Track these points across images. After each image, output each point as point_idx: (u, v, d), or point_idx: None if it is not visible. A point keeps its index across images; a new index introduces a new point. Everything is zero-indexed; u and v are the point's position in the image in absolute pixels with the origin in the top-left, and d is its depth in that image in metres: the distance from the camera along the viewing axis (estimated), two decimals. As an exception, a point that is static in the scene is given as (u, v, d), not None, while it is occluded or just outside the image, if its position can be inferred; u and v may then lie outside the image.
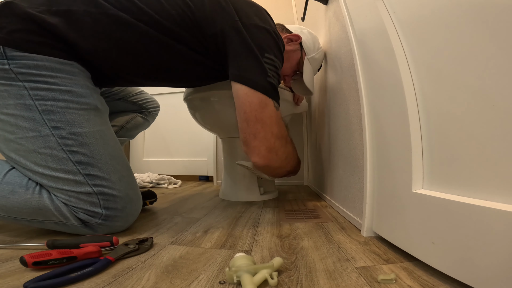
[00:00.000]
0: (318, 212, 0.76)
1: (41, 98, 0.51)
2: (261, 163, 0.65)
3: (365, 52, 0.56)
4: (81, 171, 0.53)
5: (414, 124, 0.42)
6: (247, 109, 0.61)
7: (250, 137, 0.63)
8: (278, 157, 0.67)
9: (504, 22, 0.27)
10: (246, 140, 0.64)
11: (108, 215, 0.54)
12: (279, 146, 0.67)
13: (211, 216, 0.73)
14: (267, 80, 0.62)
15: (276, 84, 0.65)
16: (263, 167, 0.66)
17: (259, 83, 0.61)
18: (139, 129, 1.04)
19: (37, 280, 0.32)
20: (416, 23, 0.41)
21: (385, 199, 0.49)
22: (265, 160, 0.65)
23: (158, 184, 1.44)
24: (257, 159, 0.65)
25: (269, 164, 0.66)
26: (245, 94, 0.61)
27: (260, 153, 0.64)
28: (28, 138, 0.51)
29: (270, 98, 0.63)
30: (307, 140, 1.48)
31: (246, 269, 0.33)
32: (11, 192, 0.51)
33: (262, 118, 0.62)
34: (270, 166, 0.67)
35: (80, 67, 0.57)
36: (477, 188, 0.31)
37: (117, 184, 0.56)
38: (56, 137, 0.52)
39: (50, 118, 0.52)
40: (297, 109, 1.11)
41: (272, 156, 0.65)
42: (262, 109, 0.62)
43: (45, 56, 0.52)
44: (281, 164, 0.69)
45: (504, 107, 0.28)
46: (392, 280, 0.34)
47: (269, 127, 0.63)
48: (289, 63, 0.86)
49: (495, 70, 0.28)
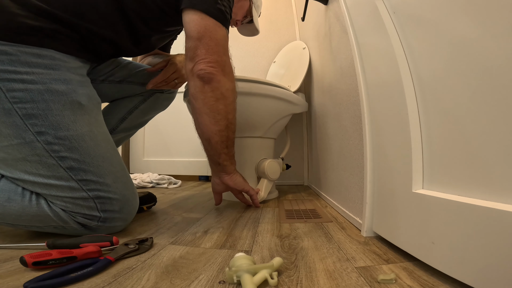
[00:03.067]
0: (318, 212, 0.76)
1: (20, 101, 0.47)
2: (208, 70, 0.61)
3: (365, 52, 0.56)
4: (73, 177, 0.51)
5: (414, 124, 0.42)
6: (202, 29, 0.60)
7: (201, 50, 0.61)
8: (225, 74, 0.64)
9: (504, 19, 0.27)
10: (195, 53, 0.61)
11: (107, 217, 0.54)
12: (229, 67, 0.65)
13: (211, 216, 0.73)
14: (217, 7, 0.61)
15: (227, 13, 0.64)
16: (208, 78, 0.62)
17: (211, 9, 0.60)
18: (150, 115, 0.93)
19: (37, 280, 0.32)
20: (416, 23, 0.41)
21: (385, 199, 0.49)
22: (212, 69, 0.62)
23: (158, 184, 1.44)
24: (203, 66, 0.61)
25: (215, 75, 0.62)
26: (201, 18, 0.60)
27: (209, 62, 0.62)
28: (13, 146, 0.48)
29: (223, 25, 0.63)
30: (307, 140, 1.48)
31: (246, 269, 0.33)
32: (7, 200, 0.50)
33: (216, 37, 0.61)
34: (215, 79, 0.63)
35: (60, 57, 0.53)
36: (477, 188, 0.31)
37: (112, 187, 0.54)
38: (42, 143, 0.49)
39: (33, 123, 0.48)
40: (297, 109, 1.11)
41: (219, 70, 0.63)
42: (217, 31, 0.61)
43: (16, 44, 0.48)
44: (225, 86, 0.65)
45: (504, 107, 0.28)
46: (392, 280, 0.34)
47: (222, 47, 0.63)
48: (242, 10, 0.89)
49: (495, 70, 0.28)
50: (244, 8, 0.89)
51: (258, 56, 1.67)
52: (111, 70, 0.78)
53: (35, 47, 0.50)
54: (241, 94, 0.84)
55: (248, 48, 1.67)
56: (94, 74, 0.75)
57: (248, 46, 1.67)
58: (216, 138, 0.67)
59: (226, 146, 0.70)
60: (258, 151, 0.99)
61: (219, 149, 0.69)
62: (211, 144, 0.68)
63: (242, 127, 0.92)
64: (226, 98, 0.66)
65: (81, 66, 0.59)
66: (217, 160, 0.71)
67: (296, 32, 1.63)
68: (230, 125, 0.69)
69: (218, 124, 0.66)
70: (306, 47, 1.29)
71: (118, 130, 0.86)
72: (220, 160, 0.71)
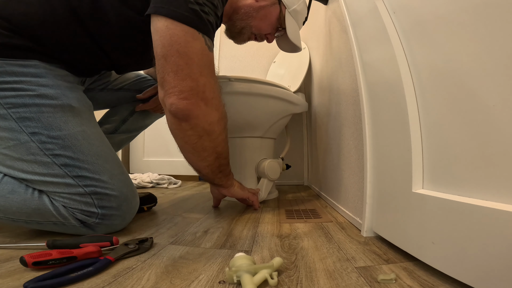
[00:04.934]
0: (318, 212, 0.76)
1: (13, 106, 0.50)
2: (180, 106, 0.50)
3: (365, 52, 0.56)
4: (68, 173, 0.52)
5: (414, 124, 0.42)
6: (166, 42, 0.48)
7: (169, 75, 0.49)
8: (207, 103, 0.52)
9: (505, 21, 0.27)
10: (163, 78, 0.50)
11: (105, 214, 0.54)
12: (211, 91, 0.52)
13: (211, 216, 0.73)
14: (188, 7, 0.48)
15: (204, 13, 0.51)
16: (183, 115, 0.51)
17: (179, 12, 0.48)
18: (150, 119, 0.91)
19: (37, 280, 0.32)
20: (416, 23, 0.41)
21: (385, 199, 0.49)
22: (186, 102, 0.50)
23: (158, 184, 1.44)
24: (174, 100, 0.50)
25: (191, 110, 0.51)
26: (166, 26, 0.48)
27: (181, 92, 0.50)
28: (10, 147, 0.51)
29: (199, 32, 0.50)
30: (307, 140, 1.48)
31: (246, 269, 0.33)
32: (10, 192, 0.51)
33: (186, 52, 0.49)
34: (191, 115, 0.52)
35: (44, 66, 0.53)
36: (477, 188, 0.31)
37: (109, 183, 0.55)
38: (36, 143, 0.51)
39: (27, 125, 0.50)
40: (297, 109, 1.11)
41: (197, 101, 0.51)
42: (187, 42, 0.49)
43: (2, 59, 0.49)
44: (207, 120, 0.54)
45: (504, 107, 0.28)
46: (392, 280, 0.34)
47: (197, 65, 0.50)
48: (268, 19, 0.72)
49: (495, 70, 0.28)
50: (272, 17, 0.71)
51: (258, 56, 1.67)
52: (110, 80, 0.80)
53: (19, 60, 0.51)
54: (241, 94, 0.84)
55: (248, 48, 1.67)
56: (94, 84, 0.77)
57: (248, 46, 1.66)
58: (206, 170, 0.64)
59: (219, 172, 0.66)
60: (258, 151, 0.99)
61: (212, 177, 0.67)
62: (203, 174, 0.67)
63: (242, 127, 0.92)
64: (211, 134, 0.57)
65: (67, 74, 0.58)
66: (212, 182, 0.72)
67: (296, 32, 1.63)
68: (220, 156, 0.63)
69: (205, 160, 0.61)
70: (306, 47, 1.29)
71: (120, 131, 0.87)
72: (215, 182, 0.71)
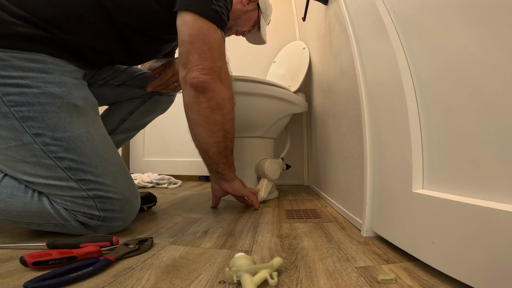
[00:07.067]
0: (318, 212, 0.76)
1: (16, 104, 0.48)
2: (201, 79, 0.59)
3: (365, 52, 0.56)
4: (72, 177, 0.51)
5: (414, 124, 0.42)
6: (194, 32, 0.57)
7: (194, 56, 0.58)
8: (222, 81, 0.61)
9: (504, 21, 0.27)
10: (188, 59, 0.59)
11: (106, 216, 0.54)
12: (225, 73, 0.62)
13: (211, 216, 0.73)
14: (212, 7, 0.58)
15: (222, 14, 0.61)
16: (202, 87, 0.59)
17: (205, 10, 0.58)
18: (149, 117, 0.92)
19: (37, 280, 0.32)
20: (416, 23, 0.41)
21: (385, 199, 0.49)
22: (206, 77, 0.59)
23: (158, 184, 1.44)
24: (196, 74, 0.58)
25: (210, 83, 0.60)
26: (194, 20, 0.57)
27: (203, 69, 0.59)
28: (12, 147, 0.49)
29: (218, 27, 0.60)
30: (307, 140, 1.48)
31: (246, 269, 0.33)
32: (9, 196, 0.50)
33: (209, 40, 0.59)
34: (209, 88, 0.60)
35: (53, 61, 0.53)
36: (477, 188, 0.31)
37: (112, 186, 0.54)
38: (39, 145, 0.49)
39: (30, 125, 0.49)
40: (297, 109, 1.11)
41: (215, 77, 0.60)
42: (210, 34, 0.59)
43: (8, 50, 0.48)
44: (221, 95, 0.62)
45: (504, 106, 0.28)
46: (392, 280, 0.34)
47: (217, 51, 0.60)
48: (250, 21, 0.85)
49: (495, 69, 0.28)
50: (252, 19, 0.86)
51: (258, 56, 1.67)
52: (110, 74, 0.78)
53: (27, 52, 0.50)
54: (241, 94, 0.84)
55: (248, 48, 1.67)
56: (94, 78, 0.75)
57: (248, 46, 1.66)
58: (214, 149, 0.66)
59: (224, 156, 0.69)
60: (258, 151, 0.99)
61: (217, 160, 0.68)
62: (209, 155, 0.67)
63: (242, 127, 0.92)
64: (222, 108, 0.63)
65: (75, 70, 0.58)
66: (216, 170, 0.71)
67: (296, 32, 1.63)
68: (228, 135, 0.67)
69: (215, 135, 0.65)
70: (306, 47, 1.29)
71: (119, 131, 0.86)
72: (219, 170, 0.70)
